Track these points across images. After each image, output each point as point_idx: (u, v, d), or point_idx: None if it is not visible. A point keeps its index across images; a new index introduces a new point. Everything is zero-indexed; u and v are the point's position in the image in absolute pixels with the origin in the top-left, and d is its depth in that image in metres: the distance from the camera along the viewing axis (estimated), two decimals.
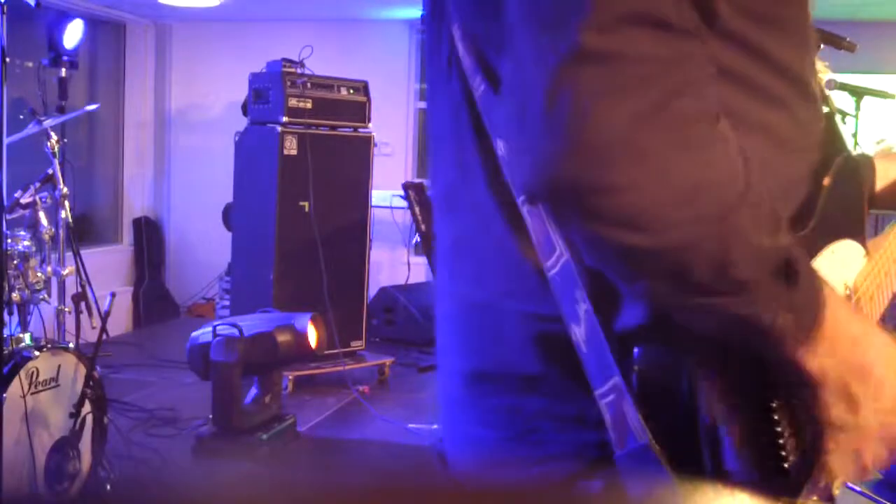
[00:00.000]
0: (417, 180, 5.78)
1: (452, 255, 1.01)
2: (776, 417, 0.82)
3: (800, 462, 0.84)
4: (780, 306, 0.76)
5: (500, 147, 0.89)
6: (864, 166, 1.03)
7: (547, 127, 0.73)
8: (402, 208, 5.98)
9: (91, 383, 3.15)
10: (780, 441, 0.82)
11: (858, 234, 0.98)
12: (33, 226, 3.46)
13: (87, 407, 3.16)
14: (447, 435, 1.02)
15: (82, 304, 3.74)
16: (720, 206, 0.74)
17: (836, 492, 0.88)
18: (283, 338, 3.81)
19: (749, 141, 0.79)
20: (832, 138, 0.98)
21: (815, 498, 0.84)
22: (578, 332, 0.83)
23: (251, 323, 3.85)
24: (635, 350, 0.81)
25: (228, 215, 5.92)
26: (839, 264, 0.93)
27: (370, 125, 5.28)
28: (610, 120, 0.71)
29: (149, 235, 6.97)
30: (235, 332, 3.69)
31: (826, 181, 0.93)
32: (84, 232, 6.13)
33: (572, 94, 0.71)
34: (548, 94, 0.72)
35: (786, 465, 0.82)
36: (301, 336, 3.86)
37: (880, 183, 1.09)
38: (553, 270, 0.85)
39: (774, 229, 0.77)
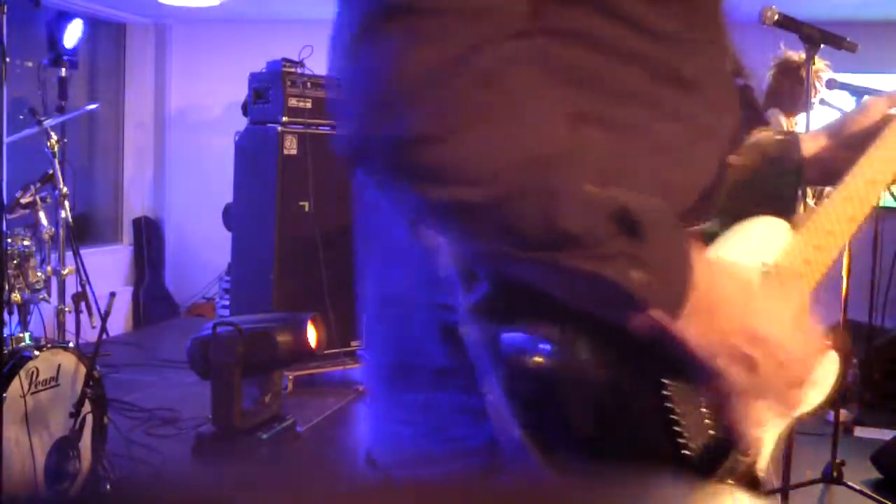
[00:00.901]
0: None
1: (363, 251, 1.00)
2: (670, 404, 0.79)
3: (707, 447, 0.80)
4: (627, 262, 0.73)
5: None
6: (790, 142, 0.99)
7: (351, 79, 0.72)
8: None
9: (91, 383, 3.15)
10: (678, 429, 0.79)
11: (784, 210, 0.94)
12: (33, 226, 3.46)
13: (87, 407, 3.15)
14: (372, 432, 1.00)
15: (82, 304, 3.73)
16: (533, 155, 0.72)
17: (762, 474, 0.85)
18: (283, 338, 3.80)
19: (642, 119, 0.78)
20: (747, 114, 0.95)
21: (730, 481, 0.81)
22: (468, 332, 0.82)
23: (251, 323, 3.85)
24: (501, 340, 0.78)
25: (228, 215, 5.92)
26: (755, 242, 0.89)
27: None
28: (410, 69, 0.70)
29: (149, 235, 6.97)
30: (235, 331, 3.68)
31: (733, 159, 0.89)
32: (84, 232, 6.12)
33: (374, 45, 0.71)
34: (352, 46, 0.72)
35: (687, 453, 0.79)
36: (301, 336, 3.85)
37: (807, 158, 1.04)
38: (444, 271, 0.84)
39: (602, 182, 0.75)
